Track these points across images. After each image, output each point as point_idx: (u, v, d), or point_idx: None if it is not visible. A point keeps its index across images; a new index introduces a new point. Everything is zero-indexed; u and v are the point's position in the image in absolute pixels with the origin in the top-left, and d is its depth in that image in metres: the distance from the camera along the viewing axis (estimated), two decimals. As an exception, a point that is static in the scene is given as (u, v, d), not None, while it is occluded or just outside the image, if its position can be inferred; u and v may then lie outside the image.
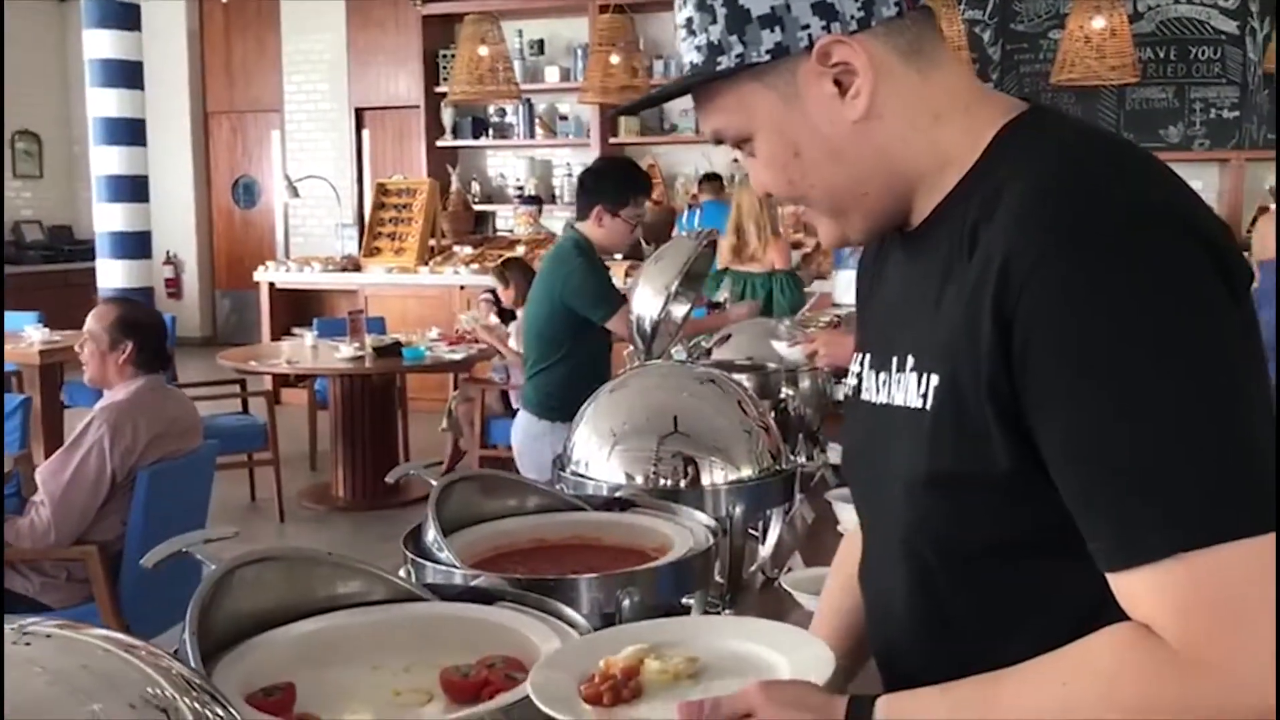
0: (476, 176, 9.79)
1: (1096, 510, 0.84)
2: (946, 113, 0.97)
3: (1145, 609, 0.82)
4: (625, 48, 7.93)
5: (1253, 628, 0.78)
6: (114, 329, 3.10)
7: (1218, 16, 7.60)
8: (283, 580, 1.29)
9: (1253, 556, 0.78)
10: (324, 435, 6.03)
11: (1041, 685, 0.86)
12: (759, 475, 1.85)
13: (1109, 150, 0.92)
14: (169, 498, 2.98)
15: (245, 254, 11.03)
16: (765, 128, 0.98)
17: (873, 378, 1.07)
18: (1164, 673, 0.81)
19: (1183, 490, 0.80)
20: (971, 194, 0.94)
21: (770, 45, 0.95)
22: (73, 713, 0.67)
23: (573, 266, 3.36)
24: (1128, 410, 0.82)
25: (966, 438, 0.91)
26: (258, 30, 10.74)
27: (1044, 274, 0.84)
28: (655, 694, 1.00)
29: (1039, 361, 0.85)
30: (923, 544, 0.99)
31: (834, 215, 1.02)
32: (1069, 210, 0.85)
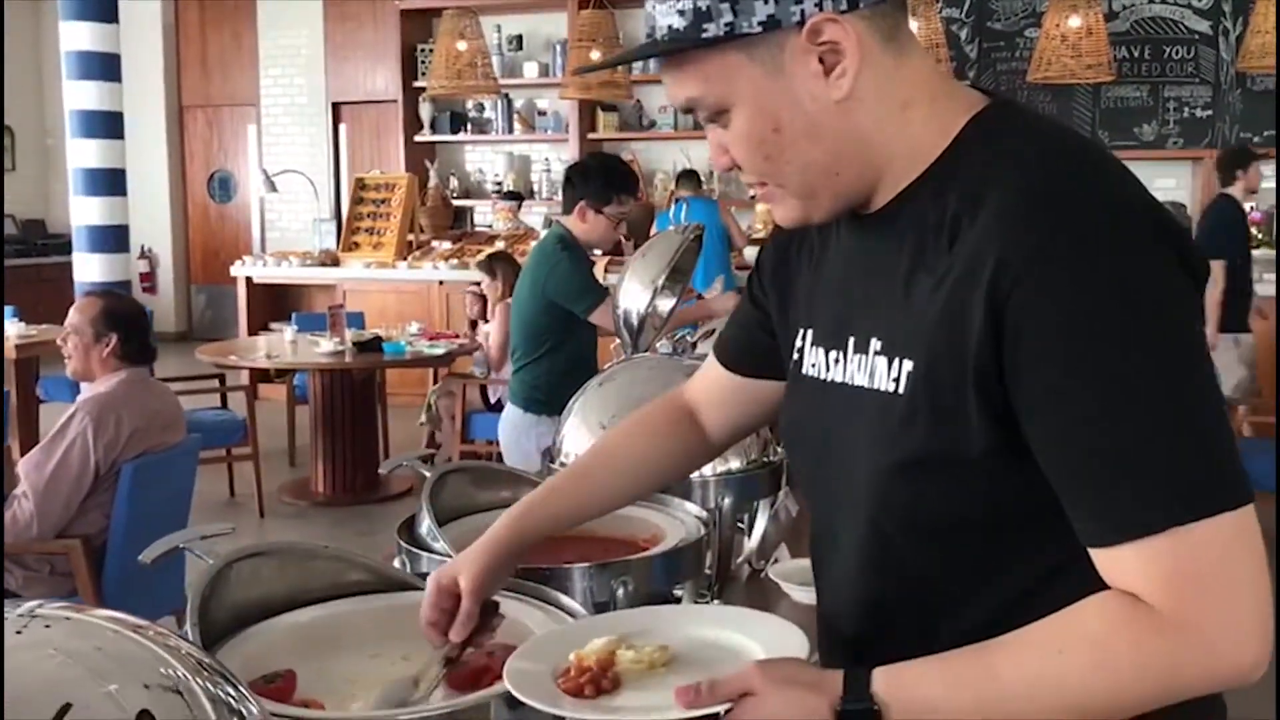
0: (455, 172, 9.77)
1: (1086, 493, 0.89)
2: (915, 101, 0.99)
3: (1132, 580, 0.87)
4: (605, 43, 7.94)
5: (1233, 593, 0.85)
6: (98, 322, 3.09)
7: (1191, 16, 7.68)
8: (279, 573, 1.30)
9: (1229, 529, 0.85)
10: (302, 430, 6.01)
11: (1037, 654, 0.89)
12: (747, 467, 1.87)
13: (1082, 152, 0.96)
14: (153, 491, 2.97)
15: (221, 248, 10.97)
16: (746, 100, 0.97)
17: (818, 354, 1.09)
18: (1154, 637, 0.86)
19: (1166, 473, 0.86)
20: (944, 185, 0.97)
21: (763, 17, 0.94)
22: (90, 693, 0.68)
23: (557, 260, 3.37)
24: (1114, 401, 0.87)
25: (943, 422, 0.94)
26: (234, 23, 10.67)
27: (1036, 272, 0.88)
28: (633, 683, 1.03)
29: (1030, 354, 0.89)
30: (888, 520, 1.01)
31: (802, 195, 1.02)
32: (1057, 212, 0.89)
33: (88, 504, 2.92)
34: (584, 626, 1.17)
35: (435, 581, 1.18)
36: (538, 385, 3.33)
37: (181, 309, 11.28)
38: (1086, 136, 1.00)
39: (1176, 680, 0.88)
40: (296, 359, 5.48)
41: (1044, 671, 0.89)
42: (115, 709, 0.68)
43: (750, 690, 0.93)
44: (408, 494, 5.56)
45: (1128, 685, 0.87)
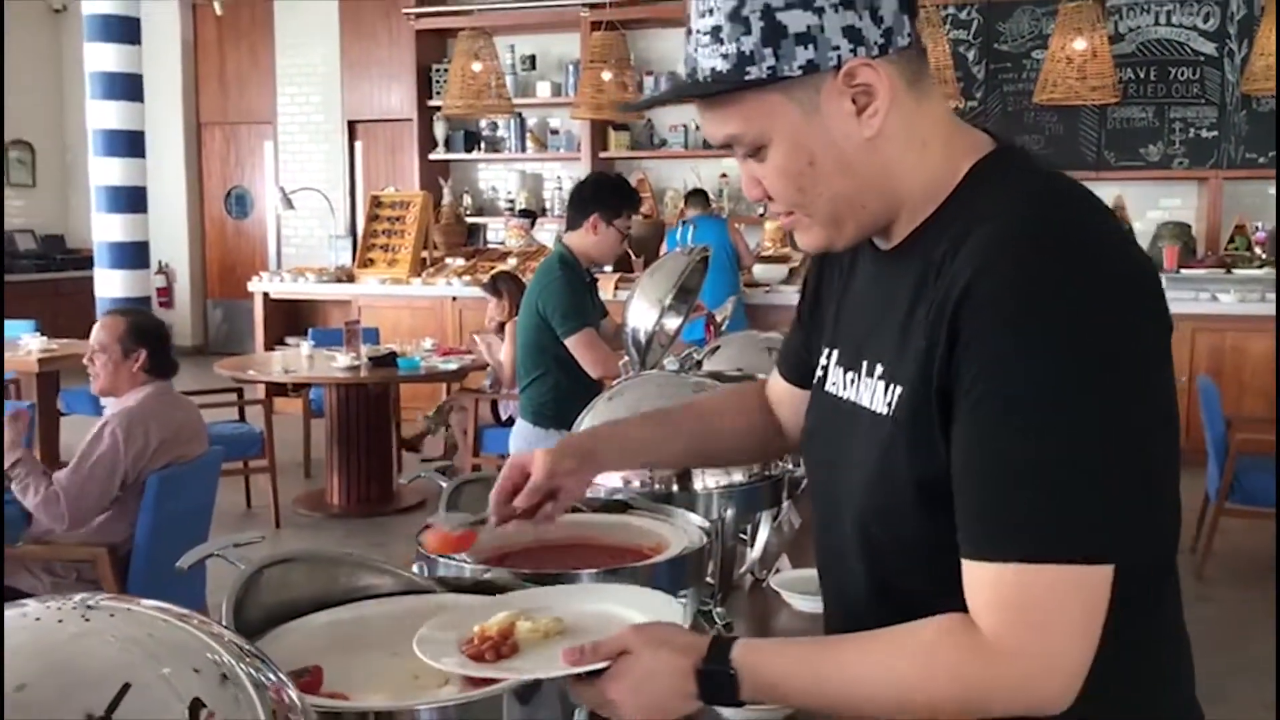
0: (468, 189, 9.89)
1: (964, 505, 0.98)
2: (932, 141, 1.07)
3: (976, 594, 0.96)
4: (617, 64, 8.05)
5: (1056, 635, 0.93)
6: (126, 338, 3.19)
7: (1197, 39, 7.75)
8: (306, 578, 1.39)
9: (1071, 579, 0.93)
10: (318, 443, 6.11)
11: (875, 652, 1.01)
12: (749, 480, 1.95)
13: (1066, 197, 1.02)
14: (177, 502, 3.07)
15: (237, 264, 11.10)
16: (784, 137, 1.04)
17: (839, 373, 1.18)
18: (974, 657, 0.95)
19: (1031, 511, 0.93)
20: (945, 227, 1.04)
21: (803, 61, 1.01)
22: (147, 675, 0.75)
23: (552, 278, 3.47)
24: (1020, 435, 0.94)
25: (920, 446, 1.02)
26: (251, 42, 10.82)
27: (988, 310, 0.95)
28: (530, 650, 1.15)
29: (964, 377, 0.97)
30: (875, 527, 1.10)
31: (829, 224, 1.09)
32: (1024, 248, 0.96)
33: (114, 514, 3.01)
34: (488, 603, 1.29)
35: (512, 461, 1.37)
36: (545, 400, 3.42)
37: (198, 323, 11.41)
38: (1078, 188, 1.05)
39: (986, 698, 0.96)
40: (313, 373, 5.58)
41: (875, 667, 0.99)
42: (169, 690, 0.75)
43: (627, 649, 1.05)
44: (420, 506, 5.65)
45: (942, 693, 0.97)
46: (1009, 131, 7.96)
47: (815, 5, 1.00)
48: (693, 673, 1.03)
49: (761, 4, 1.00)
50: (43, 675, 0.75)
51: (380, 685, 1.25)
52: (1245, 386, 6.60)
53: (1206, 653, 4.52)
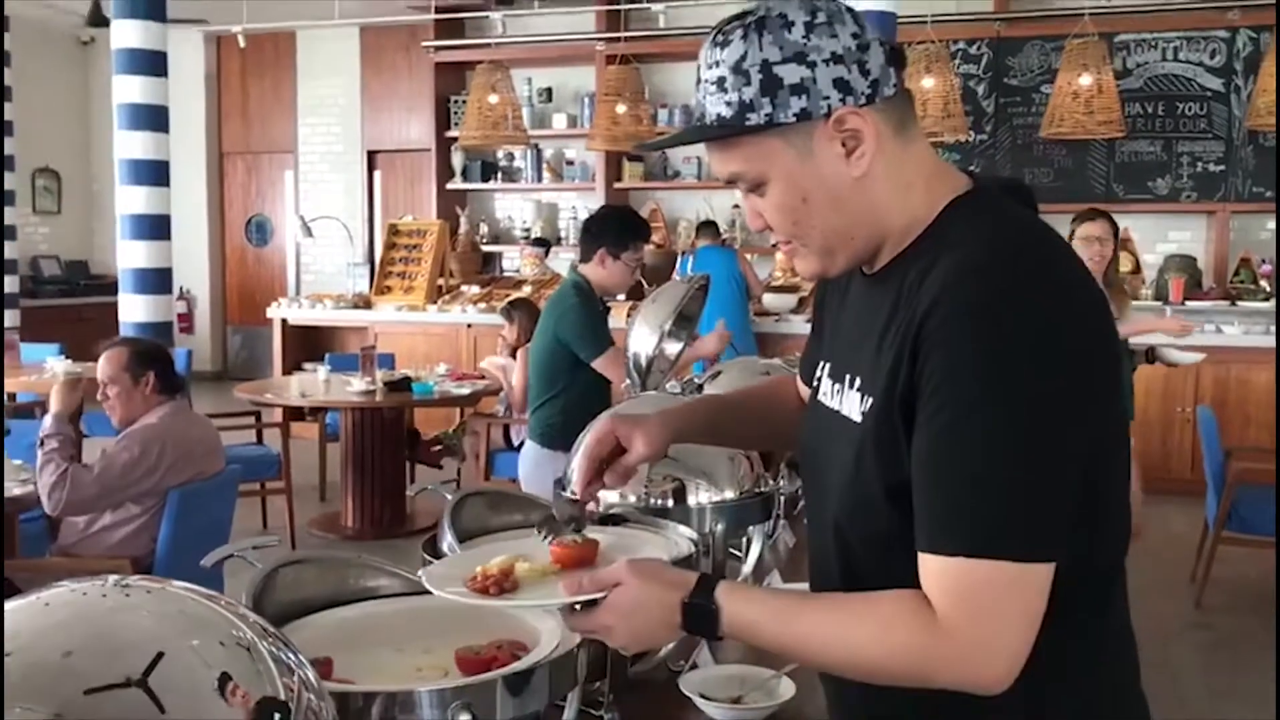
0: (485, 218, 10.03)
1: (924, 503, 1.08)
2: (915, 181, 1.19)
3: (928, 583, 1.07)
4: (631, 97, 8.21)
5: (995, 623, 1.05)
6: (132, 365, 3.31)
7: (1204, 74, 7.85)
8: (318, 578, 1.50)
9: (1011, 574, 1.04)
10: (333, 466, 6.22)
11: (840, 613, 1.12)
12: (739, 496, 2.05)
13: (1026, 242, 1.13)
14: (196, 517, 3.18)
15: (257, 290, 11.27)
16: (781, 177, 1.16)
17: (829, 386, 1.30)
18: (923, 632, 1.06)
19: (983, 514, 1.05)
20: (918, 257, 1.16)
21: (796, 109, 1.13)
22: (177, 645, 0.84)
23: (569, 305, 3.58)
24: (970, 443, 1.05)
25: (884, 450, 1.13)
26: (274, 74, 11.03)
27: (945, 332, 1.07)
28: (529, 586, 1.28)
29: (925, 388, 1.08)
30: (848, 528, 1.21)
31: (822, 253, 1.21)
32: (981, 287, 1.07)
33: (137, 527, 3.13)
34: (488, 550, 1.43)
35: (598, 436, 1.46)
36: (553, 422, 3.53)
37: (217, 349, 11.57)
38: (1041, 230, 1.16)
39: (930, 672, 1.07)
40: (329, 397, 5.70)
41: (837, 627, 1.11)
42: (198, 659, 0.85)
43: (620, 580, 1.16)
44: (432, 528, 5.73)
45: (890, 660, 1.08)
46: (1016, 168, 8.10)
47: (808, 60, 1.12)
48: (679, 605, 1.14)
49: (760, 58, 1.13)
50: (86, 642, 0.85)
51: (385, 677, 1.36)
52: (1250, 418, 6.66)
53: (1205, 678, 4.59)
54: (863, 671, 1.11)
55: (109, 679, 0.81)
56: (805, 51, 1.13)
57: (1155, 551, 5.13)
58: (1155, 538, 5.46)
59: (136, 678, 0.81)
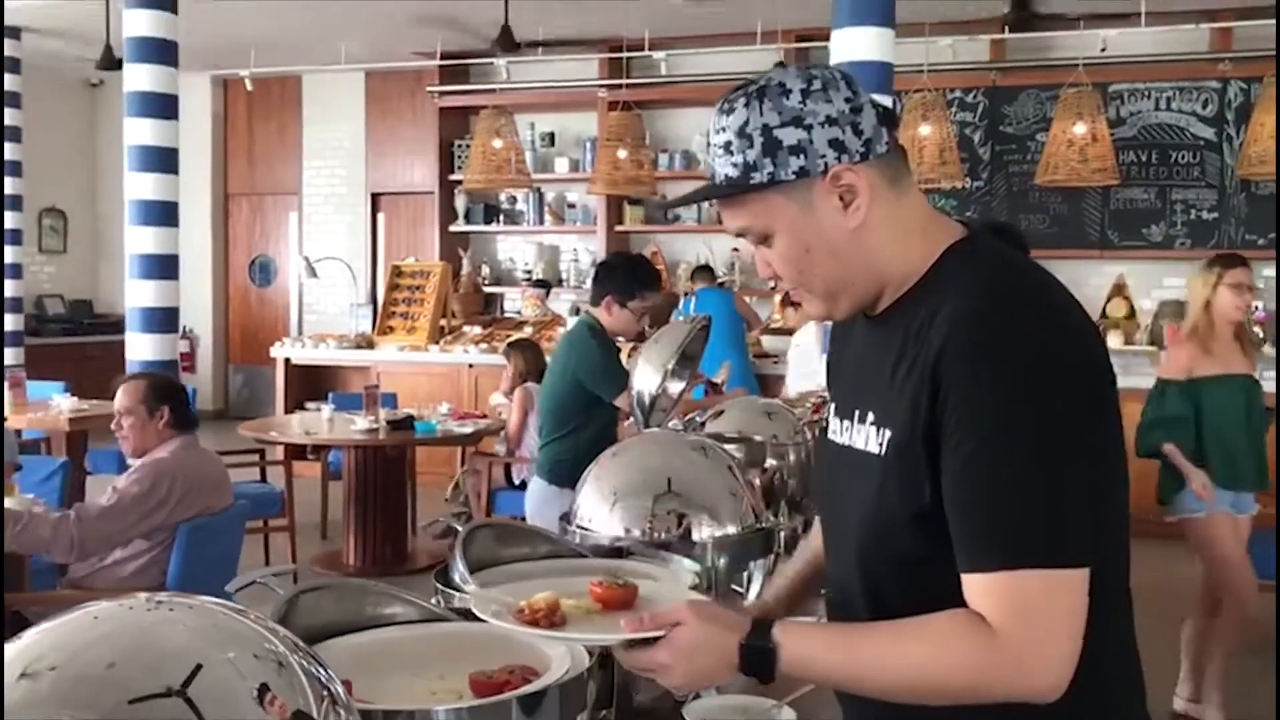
0: (487, 260, 10.13)
1: (958, 529, 1.17)
2: (911, 231, 1.29)
3: (977, 601, 1.15)
4: (633, 142, 8.33)
5: (1046, 630, 1.12)
6: (148, 398, 3.38)
7: (1196, 124, 7.98)
8: (337, 604, 1.55)
9: (1052, 581, 1.13)
10: (334, 505, 6.26)
11: (896, 638, 1.19)
12: (742, 532, 2.10)
13: (1022, 283, 1.24)
14: (205, 550, 3.23)
15: (259, 330, 11.33)
16: (784, 229, 1.26)
17: (838, 424, 1.38)
18: (981, 647, 1.13)
19: (1015, 528, 1.14)
20: (921, 300, 1.26)
21: (795, 168, 1.23)
22: (215, 658, 0.89)
23: (587, 348, 3.64)
24: (994, 467, 1.15)
25: (908, 479, 1.21)
26: (280, 117, 11.16)
27: (962, 365, 1.17)
28: (576, 622, 1.33)
29: (947, 423, 1.18)
30: (873, 555, 1.28)
31: (826, 299, 1.31)
32: (986, 327, 1.18)
33: (147, 561, 3.17)
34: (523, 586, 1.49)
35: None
36: (562, 460, 3.58)
37: (219, 388, 11.61)
38: (1036, 271, 1.27)
39: (989, 684, 1.14)
40: (333, 435, 5.75)
41: (896, 652, 1.18)
42: (234, 671, 0.89)
43: (681, 621, 1.21)
44: (434, 567, 5.77)
45: (951, 678, 1.15)
46: (1012, 214, 8.20)
47: (804, 123, 1.22)
48: (737, 647, 1.19)
49: (761, 123, 1.23)
50: (128, 655, 0.89)
51: (401, 701, 1.40)
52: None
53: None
54: (924, 691, 1.17)
55: (151, 689, 0.85)
56: (802, 115, 1.23)
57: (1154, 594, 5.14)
58: (1154, 580, 5.48)
59: (177, 688, 0.86)
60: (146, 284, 6.13)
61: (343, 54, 9.37)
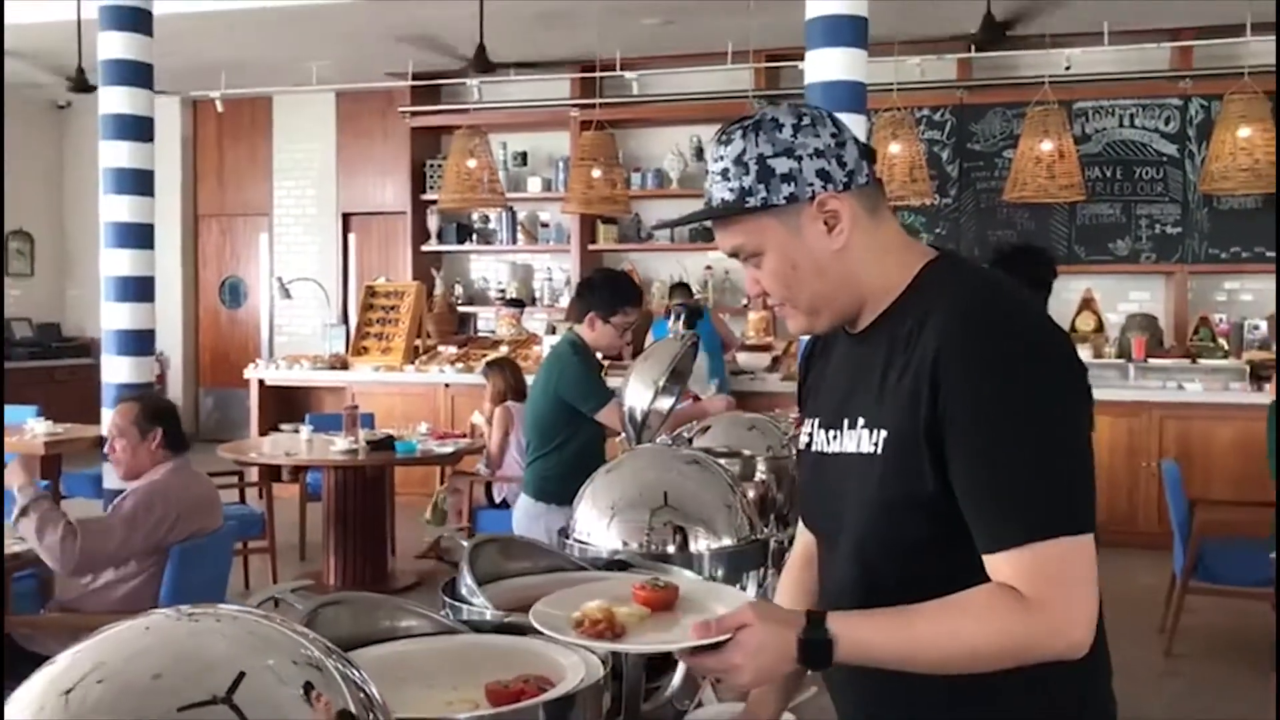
0: (460, 279, 10.14)
1: (980, 513, 1.29)
2: (888, 252, 1.42)
3: (1007, 575, 1.27)
4: (606, 161, 8.39)
5: (1071, 590, 1.26)
6: (142, 420, 3.39)
7: (1159, 140, 8.14)
8: (352, 618, 1.58)
9: (1069, 547, 1.26)
10: (313, 526, 6.24)
11: (943, 616, 1.29)
12: (737, 544, 2.15)
13: (998, 288, 1.38)
14: (196, 572, 3.23)
15: (230, 352, 11.28)
16: (774, 249, 1.39)
17: (823, 435, 1.49)
18: (1020, 612, 1.25)
19: (1035, 504, 1.27)
20: (906, 312, 1.38)
21: (787, 194, 1.37)
22: (256, 665, 0.91)
23: (568, 363, 3.69)
24: (1002, 451, 1.28)
25: (906, 472, 1.33)
26: (250, 138, 11.14)
27: (960, 364, 1.30)
28: (635, 631, 1.36)
29: (953, 417, 1.29)
30: (871, 546, 1.40)
31: (810, 314, 1.43)
32: (976, 324, 1.32)
33: (140, 583, 3.17)
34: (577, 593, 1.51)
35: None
36: (548, 476, 3.61)
37: (189, 411, 11.52)
38: (1009, 281, 1.41)
39: (1030, 645, 1.26)
40: (313, 457, 5.75)
41: (946, 628, 1.28)
42: (275, 678, 0.92)
43: (746, 623, 1.27)
44: (415, 587, 5.78)
45: (996, 645, 1.26)
46: (980, 230, 8.33)
47: (795, 154, 1.37)
48: (795, 641, 1.26)
49: (757, 153, 1.37)
50: (172, 665, 0.92)
51: (419, 712, 1.43)
52: (1213, 471, 6.84)
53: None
54: (972, 662, 1.27)
55: (197, 697, 0.88)
56: (793, 147, 1.37)
57: (1124, 602, 5.24)
58: (1124, 589, 5.58)
59: (222, 695, 0.88)
60: (121, 307, 6.10)
61: (314, 74, 9.38)
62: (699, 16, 7.77)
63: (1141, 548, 6.35)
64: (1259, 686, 4.62)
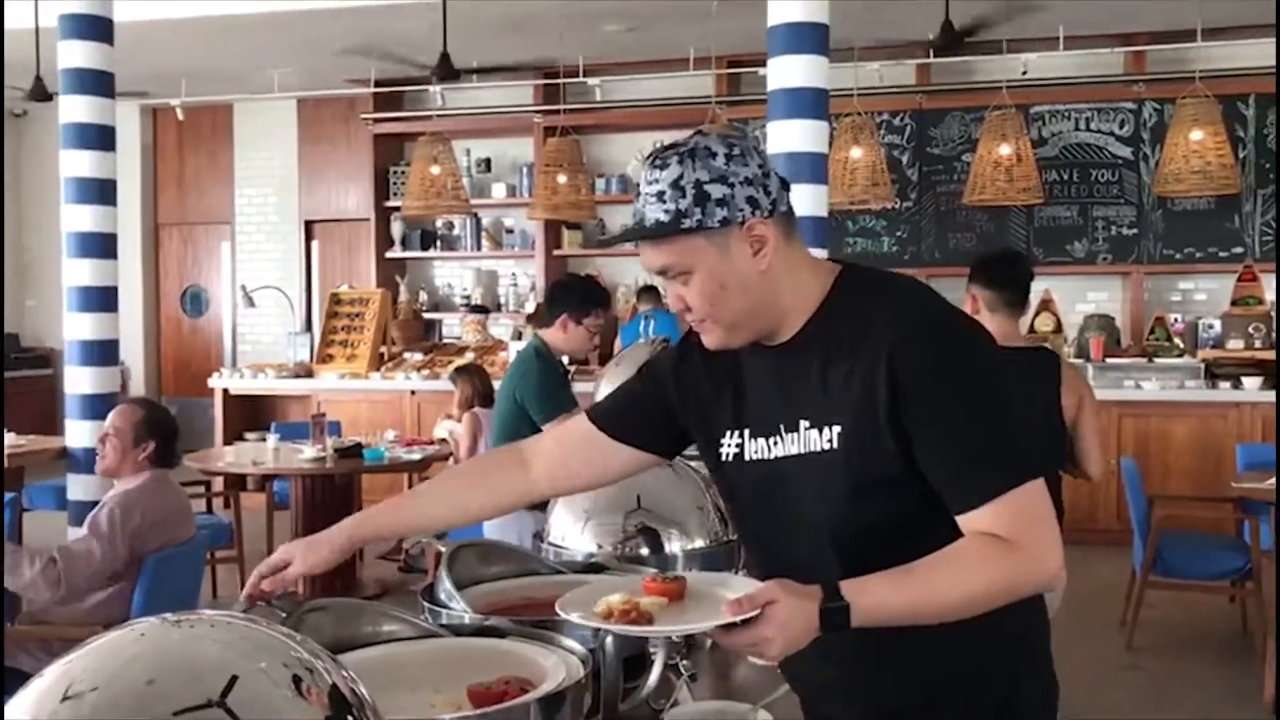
0: (424, 286, 10.13)
1: (956, 478, 1.45)
2: (800, 268, 1.55)
3: (987, 525, 1.42)
4: (569, 167, 8.42)
5: (1042, 527, 1.43)
6: (140, 428, 3.38)
7: (1114, 143, 8.27)
8: (335, 623, 1.61)
9: (1033, 489, 1.44)
10: (280, 534, 6.22)
11: (944, 569, 1.42)
12: (710, 545, 2.19)
13: (918, 288, 1.55)
14: (169, 583, 3.22)
15: (192, 361, 11.18)
16: (704, 269, 1.49)
17: (759, 443, 1.58)
18: (1006, 555, 1.42)
19: (1002, 461, 1.45)
20: (835, 318, 1.52)
21: (720, 217, 1.47)
22: (248, 669, 0.93)
23: (530, 368, 3.72)
24: (964, 424, 1.45)
25: (869, 457, 1.46)
26: (210, 145, 11.05)
27: (912, 348, 1.45)
28: (660, 616, 1.43)
29: (916, 400, 1.44)
30: (844, 530, 1.51)
31: (729, 329, 1.53)
32: (920, 320, 1.49)
33: (112, 594, 3.16)
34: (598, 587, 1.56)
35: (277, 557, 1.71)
36: (520, 481, 3.63)
37: (151, 420, 11.41)
38: (910, 280, 1.56)
39: (1020, 582, 1.43)
40: (280, 465, 5.73)
41: (949, 580, 1.41)
42: (268, 680, 0.93)
43: (774, 599, 1.35)
44: (382, 595, 5.77)
45: (996, 585, 1.42)
46: (940, 233, 8.45)
47: (729, 181, 1.47)
48: (817, 611, 1.35)
49: (694, 179, 1.46)
50: (165, 671, 0.93)
51: (403, 714, 1.46)
52: (1170, 467, 6.97)
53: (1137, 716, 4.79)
54: (969, 604, 1.42)
55: (192, 701, 0.89)
56: (726, 175, 1.47)
57: (1085, 597, 5.33)
58: (1085, 584, 5.67)
59: (216, 699, 0.89)
60: (84, 317, 6.05)
61: (275, 82, 9.34)
62: (661, 23, 7.82)
63: (1102, 544, 6.46)
64: (1217, 679, 4.72)
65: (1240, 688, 4.56)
